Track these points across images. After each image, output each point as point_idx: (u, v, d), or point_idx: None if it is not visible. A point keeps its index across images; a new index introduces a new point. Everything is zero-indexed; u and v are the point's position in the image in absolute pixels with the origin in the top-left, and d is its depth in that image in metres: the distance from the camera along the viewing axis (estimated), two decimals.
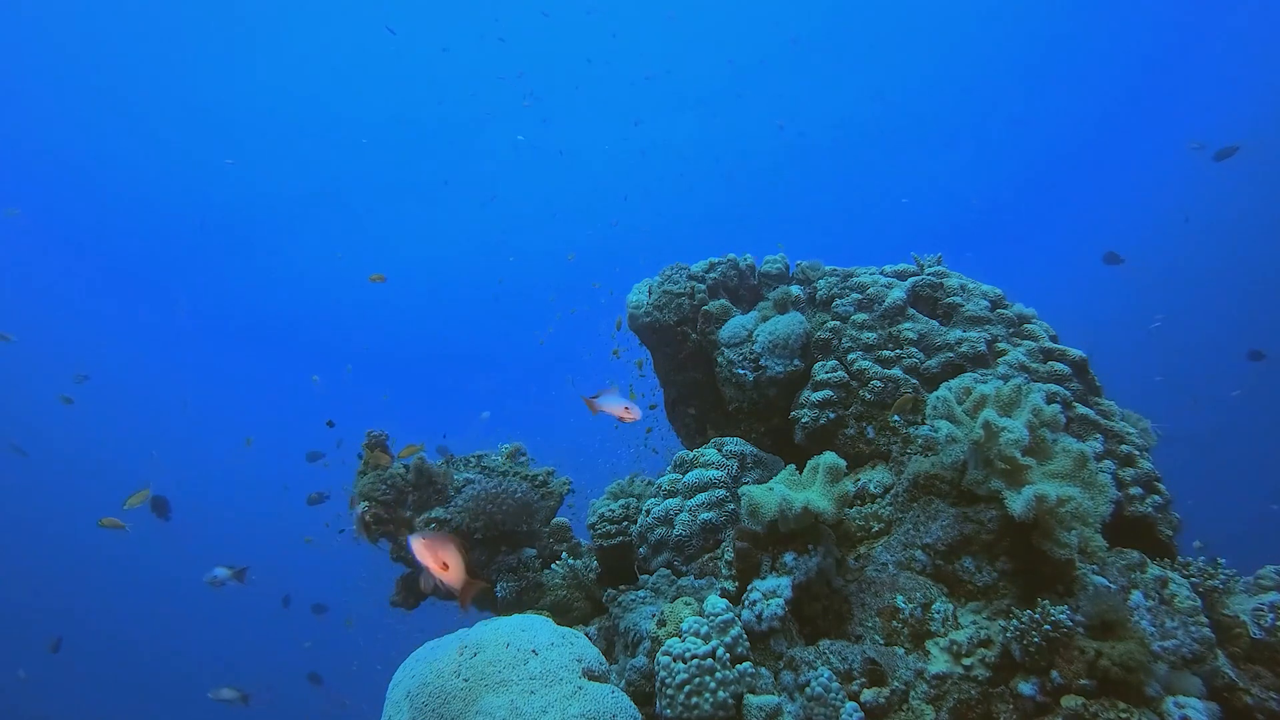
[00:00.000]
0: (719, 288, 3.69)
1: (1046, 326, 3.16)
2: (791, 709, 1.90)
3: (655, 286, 3.70)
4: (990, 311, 3.14)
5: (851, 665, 1.93)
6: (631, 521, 3.05)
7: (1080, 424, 2.76)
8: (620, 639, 2.36)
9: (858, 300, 3.25)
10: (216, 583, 4.71)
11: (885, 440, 2.87)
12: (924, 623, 2.00)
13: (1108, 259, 10.10)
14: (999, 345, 3.03)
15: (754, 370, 3.29)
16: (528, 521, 3.20)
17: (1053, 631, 1.74)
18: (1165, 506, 2.65)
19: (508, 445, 3.69)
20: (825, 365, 3.11)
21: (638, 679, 2.06)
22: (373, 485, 3.31)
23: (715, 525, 2.72)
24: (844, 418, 2.99)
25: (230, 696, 5.32)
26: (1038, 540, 1.95)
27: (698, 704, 1.85)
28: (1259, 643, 1.98)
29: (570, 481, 3.58)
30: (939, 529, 2.14)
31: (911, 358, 3.01)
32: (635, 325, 3.70)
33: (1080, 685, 1.67)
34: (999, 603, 1.98)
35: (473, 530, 3.13)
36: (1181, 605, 1.98)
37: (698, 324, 3.55)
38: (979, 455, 2.10)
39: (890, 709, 1.85)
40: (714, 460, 2.93)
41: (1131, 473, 2.66)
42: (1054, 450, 2.09)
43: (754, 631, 2.07)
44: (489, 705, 1.80)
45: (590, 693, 1.86)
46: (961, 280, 3.30)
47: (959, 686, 1.84)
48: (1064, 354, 2.97)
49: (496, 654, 1.94)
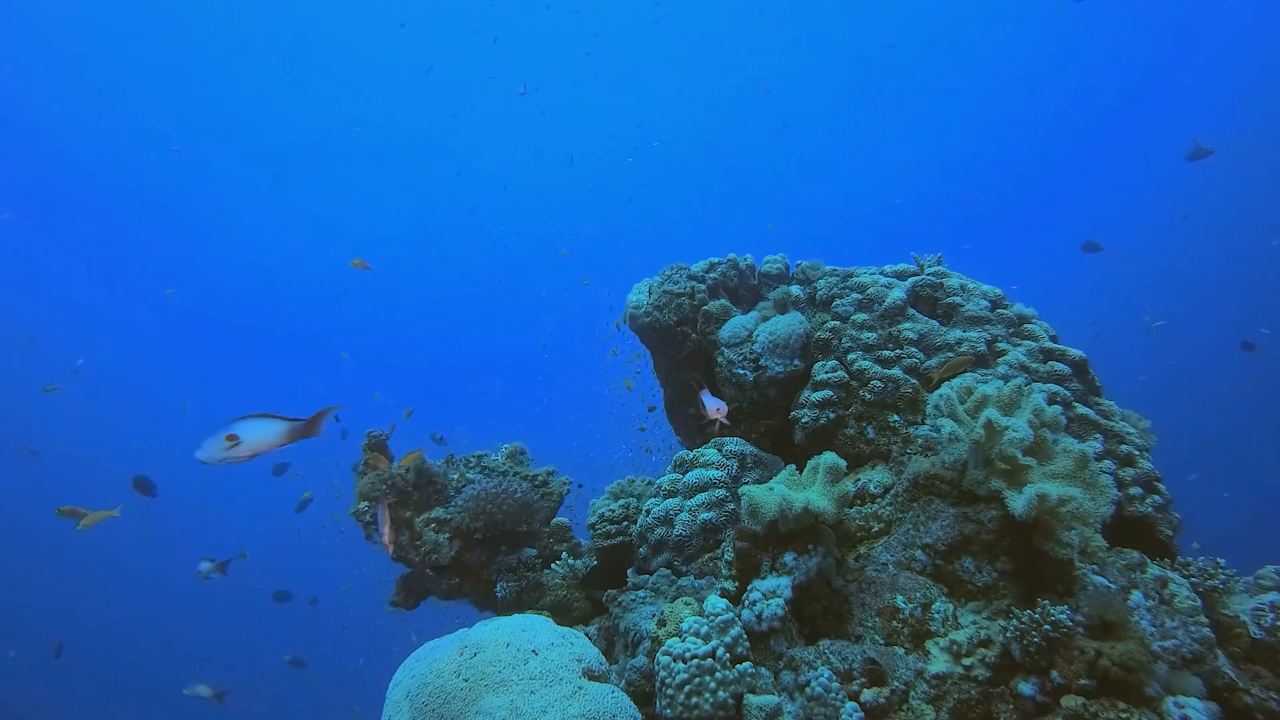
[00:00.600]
0: (719, 288, 3.69)
1: (1046, 326, 3.16)
2: (791, 709, 1.90)
3: (655, 286, 3.70)
4: (990, 311, 3.14)
5: (851, 665, 1.93)
6: (631, 521, 3.05)
7: (1080, 424, 2.76)
8: (620, 639, 2.36)
9: (858, 300, 3.25)
10: (203, 575, 4.70)
11: (885, 440, 2.87)
12: (924, 623, 2.00)
13: (1086, 247, 10.14)
14: (999, 345, 3.03)
15: (754, 370, 3.29)
16: (528, 521, 3.20)
17: (1053, 631, 1.74)
18: (1165, 506, 2.65)
19: (508, 445, 3.68)
20: (825, 365, 3.11)
21: (638, 679, 2.06)
22: (373, 485, 3.31)
23: (715, 525, 2.72)
24: (844, 418, 2.99)
25: (205, 694, 5.23)
26: (1038, 540, 1.95)
27: (698, 704, 1.85)
28: (1259, 643, 1.98)
29: (570, 481, 3.58)
30: (939, 529, 2.14)
31: (911, 358, 3.01)
32: (635, 325, 3.70)
33: (1080, 685, 1.67)
34: (999, 603, 1.98)
35: (473, 530, 3.13)
36: (1181, 605, 1.98)
37: (698, 324, 3.55)
38: (979, 455, 2.10)
39: (890, 709, 1.85)
40: (714, 460, 2.93)
41: (1131, 473, 2.66)
42: (1055, 450, 2.09)
43: (754, 631, 2.07)
44: (489, 705, 1.80)
45: (590, 693, 1.85)
46: (962, 280, 3.30)
47: (959, 686, 1.84)
48: (1064, 354, 2.97)
49: (496, 654, 1.94)
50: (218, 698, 5.26)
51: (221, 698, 5.30)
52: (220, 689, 5.32)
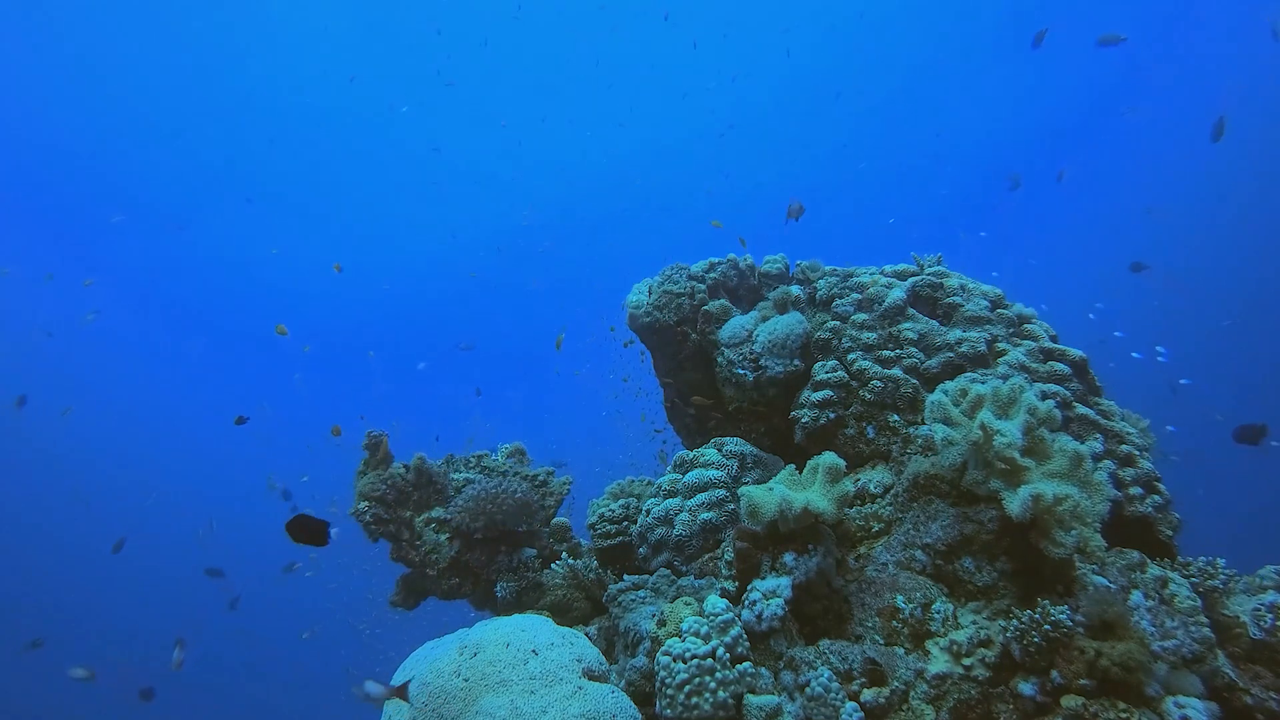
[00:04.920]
0: (719, 288, 3.69)
1: (1046, 327, 3.15)
2: (791, 709, 1.90)
3: (655, 286, 3.70)
4: (990, 311, 3.14)
5: (851, 665, 1.93)
6: (631, 521, 3.05)
7: (1080, 424, 2.76)
8: (620, 639, 2.36)
9: (858, 300, 3.25)
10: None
11: (885, 440, 2.87)
12: (924, 623, 2.00)
13: (1134, 268, 10.03)
14: (999, 345, 3.03)
15: (754, 370, 3.29)
16: (528, 521, 3.19)
17: (1053, 631, 1.74)
18: (1165, 506, 2.65)
19: (508, 445, 3.68)
20: (825, 365, 3.11)
21: (638, 679, 2.06)
22: (373, 485, 3.30)
23: (715, 525, 2.72)
24: (844, 418, 2.99)
25: (81, 675, 5.13)
26: (1036, 539, 1.95)
27: (698, 704, 1.85)
28: (1259, 643, 1.98)
29: (571, 481, 3.58)
30: (939, 529, 2.14)
31: (911, 358, 3.01)
32: (635, 325, 3.69)
33: (1080, 685, 1.67)
34: (999, 603, 1.98)
35: (473, 530, 3.13)
36: (1181, 605, 1.98)
37: (698, 324, 3.55)
38: (978, 455, 2.10)
39: (890, 709, 1.85)
40: (714, 460, 2.93)
41: (1131, 473, 2.66)
42: (1052, 450, 2.09)
43: (754, 631, 2.07)
44: (489, 705, 1.80)
45: (590, 693, 1.86)
46: (961, 280, 3.30)
47: (959, 686, 1.84)
48: (1064, 354, 2.97)
49: (496, 654, 1.94)
50: (89, 676, 5.17)
51: (93, 676, 5.16)
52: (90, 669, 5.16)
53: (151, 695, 6.26)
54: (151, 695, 6.26)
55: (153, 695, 6.27)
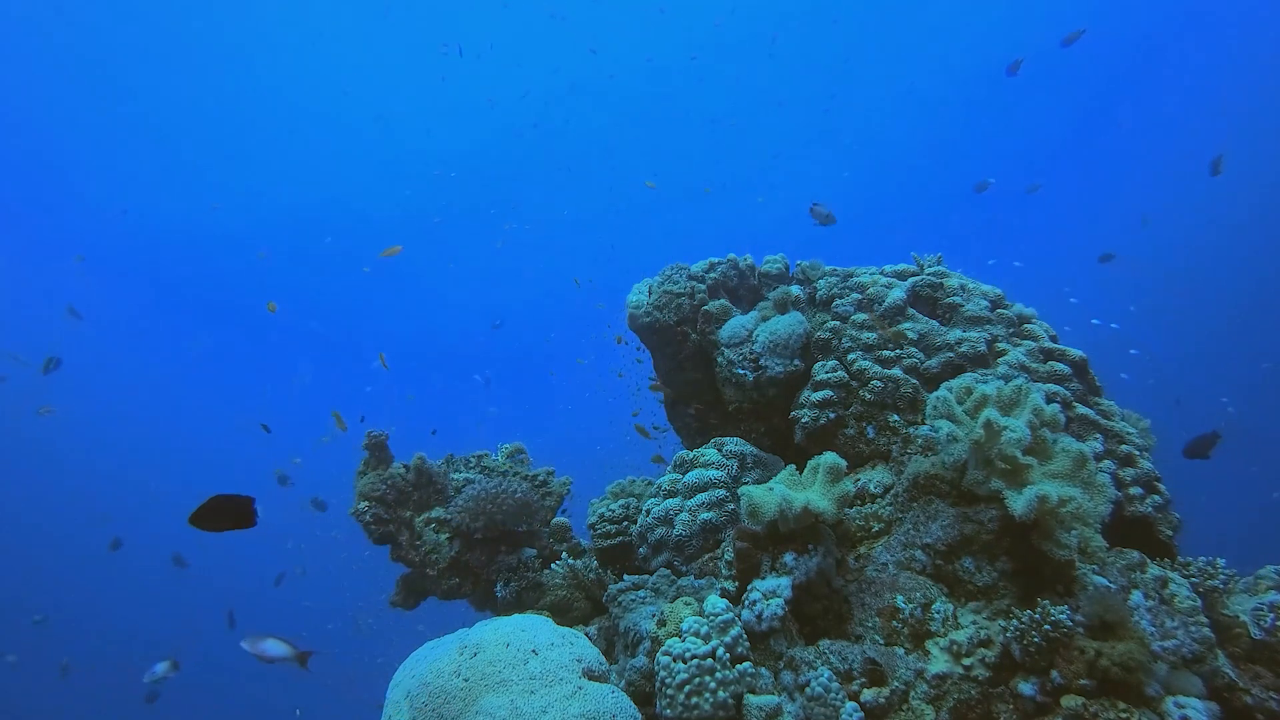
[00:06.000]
0: (719, 288, 3.69)
1: (1046, 326, 3.15)
2: (791, 709, 1.90)
3: (655, 286, 3.70)
4: (990, 311, 3.14)
5: (851, 665, 1.93)
6: (631, 521, 3.05)
7: (1080, 424, 2.76)
8: (620, 639, 2.36)
9: (858, 300, 3.25)
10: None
11: (885, 440, 2.87)
12: (924, 623, 2.00)
13: (1102, 259, 10.26)
14: (999, 345, 3.02)
15: (754, 370, 3.29)
16: (528, 521, 3.20)
17: (1053, 631, 1.74)
18: (1165, 506, 2.65)
19: (508, 445, 3.68)
20: (825, 365, 3.11)
21: (638, 679, 2.06)
22: (373, 485, 3.31)
23: (715, 525, 2.72)
24: (844, 418, 2.99)
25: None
26: (1038, 540, 1.95)
27: (698, 704, 1.85)
28: (1259, 643, 1.98)
29: (571, 481, 3.58)
30: (939, 529, 2.14)
31: (911, 358, 3.01)
32: (635, 325, 3.69)
33: (1080, 685, 1.67)
34: (999, 603, 1.98)
35: (473, 530, 3.13)
36: (1181, 605, 1.98)
37: (698, 324, 3.55)
38: (979, 455, 2.10)
39: (890, 709, 1.85)
40: (714, 460, 2.93)
41: (1131, 473, 2.66)
42: (1054, 450, 2.09)
43: (754, 631, 2.07)
44: (489, 705, 1.80)
45: (590, 693, 1.86)
46: (962, 280, 3.30)
47: (959, 686, 1.84)
48: (1064, 354, 2.97)
49: (496, 654, 1.94)
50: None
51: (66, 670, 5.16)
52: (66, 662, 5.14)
53: (155, 697, 6.28)
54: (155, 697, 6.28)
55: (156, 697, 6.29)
